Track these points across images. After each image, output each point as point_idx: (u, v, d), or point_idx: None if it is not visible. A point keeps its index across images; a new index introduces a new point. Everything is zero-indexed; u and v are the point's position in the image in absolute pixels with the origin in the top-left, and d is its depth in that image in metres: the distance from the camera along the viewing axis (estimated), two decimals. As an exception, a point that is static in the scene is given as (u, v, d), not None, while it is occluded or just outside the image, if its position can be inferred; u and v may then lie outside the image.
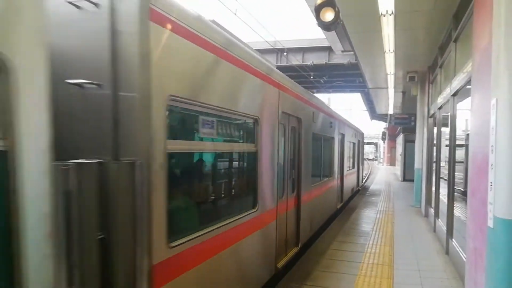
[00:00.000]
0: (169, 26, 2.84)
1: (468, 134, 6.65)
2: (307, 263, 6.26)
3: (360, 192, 17.47)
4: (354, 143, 16.04)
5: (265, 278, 5.08)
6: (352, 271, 5.91)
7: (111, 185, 2.47)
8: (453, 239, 6.55)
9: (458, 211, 6.56)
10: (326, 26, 5.17)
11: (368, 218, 10.46)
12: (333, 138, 10.60)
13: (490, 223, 3.39)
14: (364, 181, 23.33)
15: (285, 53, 17.77)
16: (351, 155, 15.49)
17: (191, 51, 3.17)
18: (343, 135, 12.55)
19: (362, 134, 22.16)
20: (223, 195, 4.37)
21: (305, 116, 7.09)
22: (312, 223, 7.96)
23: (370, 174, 31.95)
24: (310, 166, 7.58)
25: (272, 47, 16.76)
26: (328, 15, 5.05)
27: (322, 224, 9.21)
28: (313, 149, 7.77)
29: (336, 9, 5.00)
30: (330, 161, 10.50)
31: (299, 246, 6.79)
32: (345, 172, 13.37)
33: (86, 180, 2.32)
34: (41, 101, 1.89)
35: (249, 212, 4.47)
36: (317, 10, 5.08)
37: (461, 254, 5.64)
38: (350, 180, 15.09)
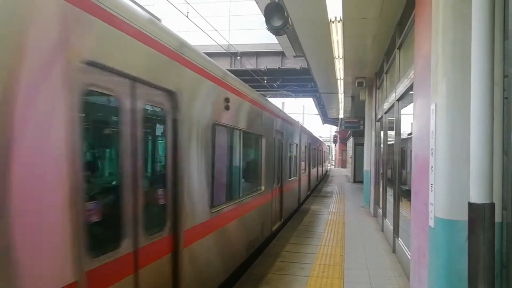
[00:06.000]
0: None
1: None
2: (260, 266, 6.25)
3: (313, 194, 17.82)
4: (305, 146, 15.04)
5: None
6: (305, 272, 5.97)
7: None
8: (399, 238, 6.83)
9: (403, 210, 6.86)
10: (275, 31, 5.22)
11: (321, 219, 10.67)
12: (261, 136, 7.56)
13: (431, 223, 3.55)
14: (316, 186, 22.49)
15: (238, 57, 17.80)
16: (300, 160, 13.90)
17: None
18: (281, 134, 9.76)
19: (314, 136, 21.69)
20: None
21: (189, 90, 4.11)
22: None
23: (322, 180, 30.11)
24: (210, 178, 4.70)
25: (225, 51, 16.72)
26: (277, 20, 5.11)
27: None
28: (219, 150, 5.27)
29: (285, 14, 5.06)
30: (256, 168, 7.54)
31: None
32: (288, 180, 11.02)
33: None
34: None
35: None
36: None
37: (406, 253, 5.88)
38: (295, 190, 12.58)
